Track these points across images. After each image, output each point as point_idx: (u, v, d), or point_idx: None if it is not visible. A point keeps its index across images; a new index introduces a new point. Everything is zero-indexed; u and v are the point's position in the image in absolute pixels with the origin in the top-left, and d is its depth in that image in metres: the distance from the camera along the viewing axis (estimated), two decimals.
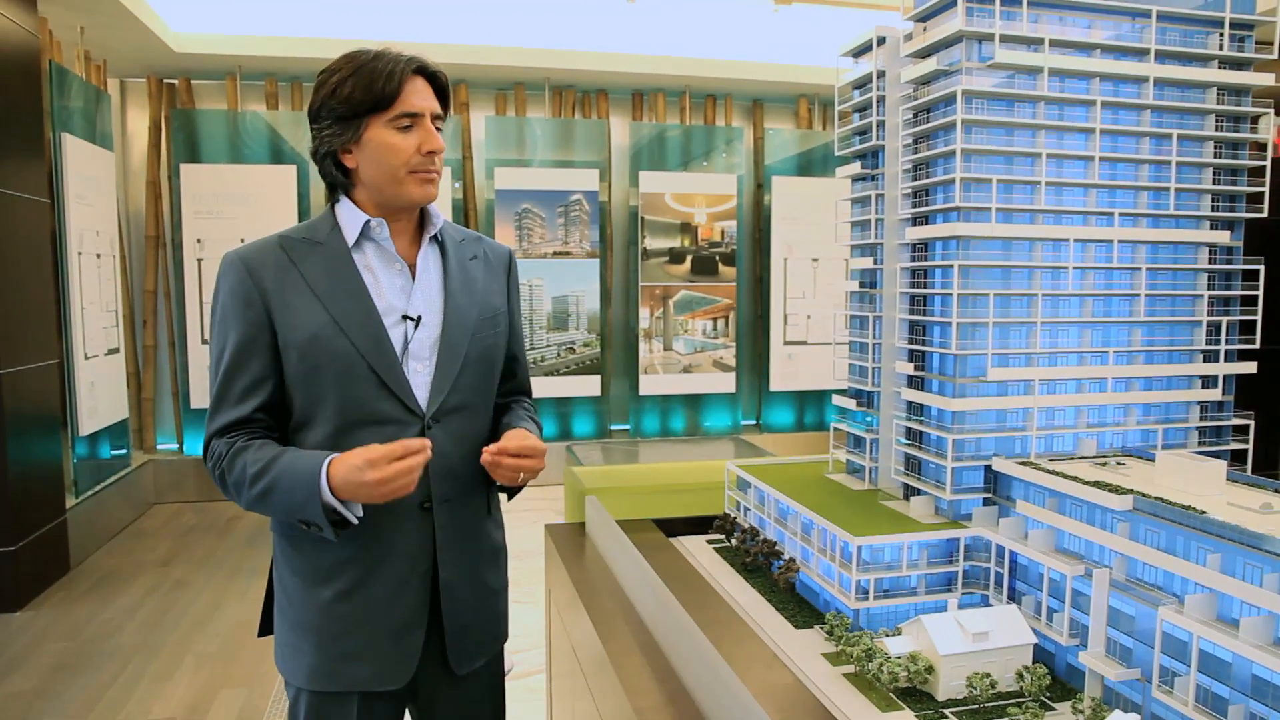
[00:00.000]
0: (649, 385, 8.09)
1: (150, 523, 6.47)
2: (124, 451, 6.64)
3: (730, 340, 8.28)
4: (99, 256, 6.21)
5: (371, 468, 1.45)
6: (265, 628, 1.77)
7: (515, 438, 1.63)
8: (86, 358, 5.90)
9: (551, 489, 6.28)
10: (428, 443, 1.51)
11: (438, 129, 1.64)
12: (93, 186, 6.14)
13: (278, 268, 1.57)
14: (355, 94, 1.55)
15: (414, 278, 1.66)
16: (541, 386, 7.79)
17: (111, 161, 6.58)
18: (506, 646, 1.93)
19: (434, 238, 1.72)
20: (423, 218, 1.71)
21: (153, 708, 3.59)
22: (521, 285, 7.75)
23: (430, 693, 1.74)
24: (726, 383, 8.31)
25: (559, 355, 7.88)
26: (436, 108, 1.63)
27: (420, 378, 1.62)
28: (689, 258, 8.11)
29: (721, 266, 8.19)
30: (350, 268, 1.60)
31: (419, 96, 1.60)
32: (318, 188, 7.46)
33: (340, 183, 1.64)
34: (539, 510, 6.59)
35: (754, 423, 8.74)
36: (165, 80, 7.34)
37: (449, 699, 1.76)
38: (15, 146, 4.90)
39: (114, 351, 6.45)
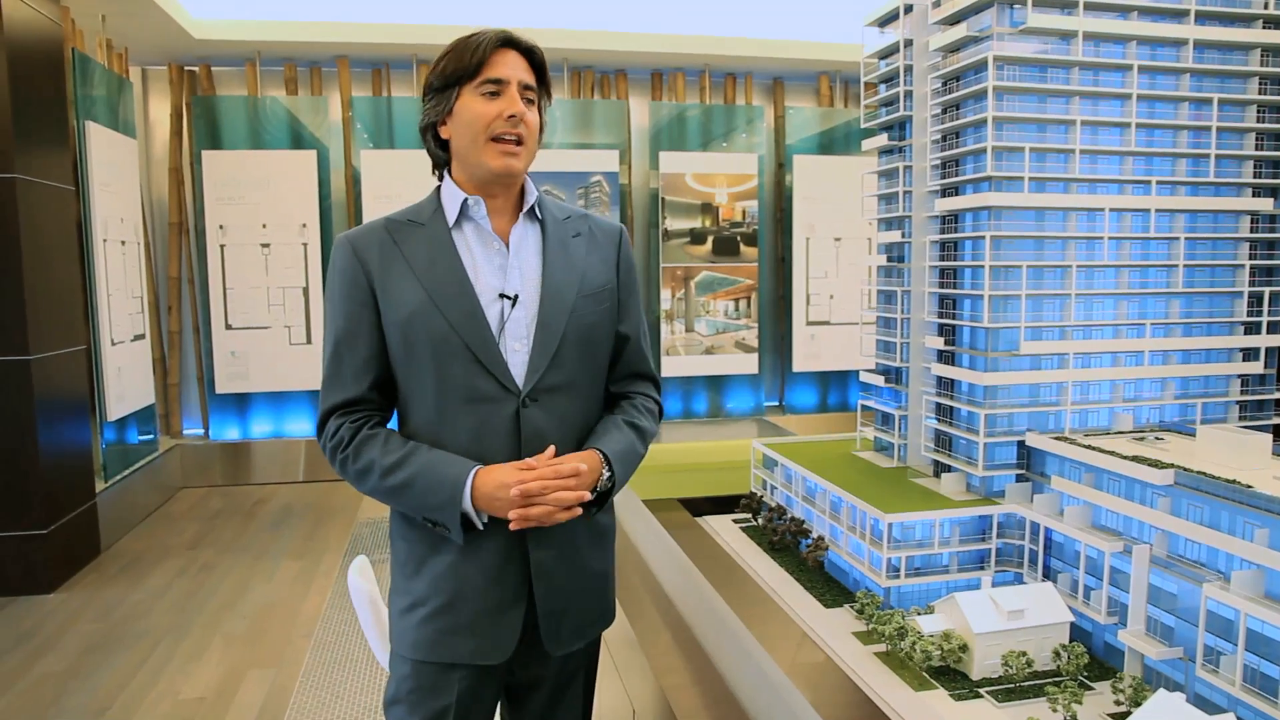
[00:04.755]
0: (671, 367, 8.05)
1: (178, 506, 6.54)
2: (151, 437, 6.70)
3: (752, 321, 8.22)
4: (124, 243, 6.25)
5: (520, 500, 1.51)
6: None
7: (541, 462, 1.58)
8: (113, 344, 5.95)
9: None
10: (581, 466, 1.54)
11: (529, 100, 1.64)
12: (116, 174, 6.17)
13: (382, 248, 1.62)
14: (449, 66, 1.61)
15: (510, 255, 1.66)
16: None
17: (134, 149, 6.60)
18: None
19: (533, 214, 1.70)
20: (523, 195, 1.70)
21: (182, 688, 3.63)
22: None
23: (525, 671, 1.74)
24: (749, 364, 8.25)
25: None
26: (526, 78, 1.63)
27: (518, 356, 1.61)
28: (710, 238, 8.04)
29: (743, 247, 8.12)
30: (449, 247, 1.62)
31: (506, 66, 1.61)
32: (338, 173, 7.46)
33: (439, 158, 1.69)
34: None
35: (777, 404, 8.69)
36: (186, 67, 7.35)
37: (543, 680, 1.76)
38: (40, 135, 4.92)
39: (140, 338, 6.51)
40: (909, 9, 2.28)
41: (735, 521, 2.71)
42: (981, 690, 1.62)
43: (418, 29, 7.05)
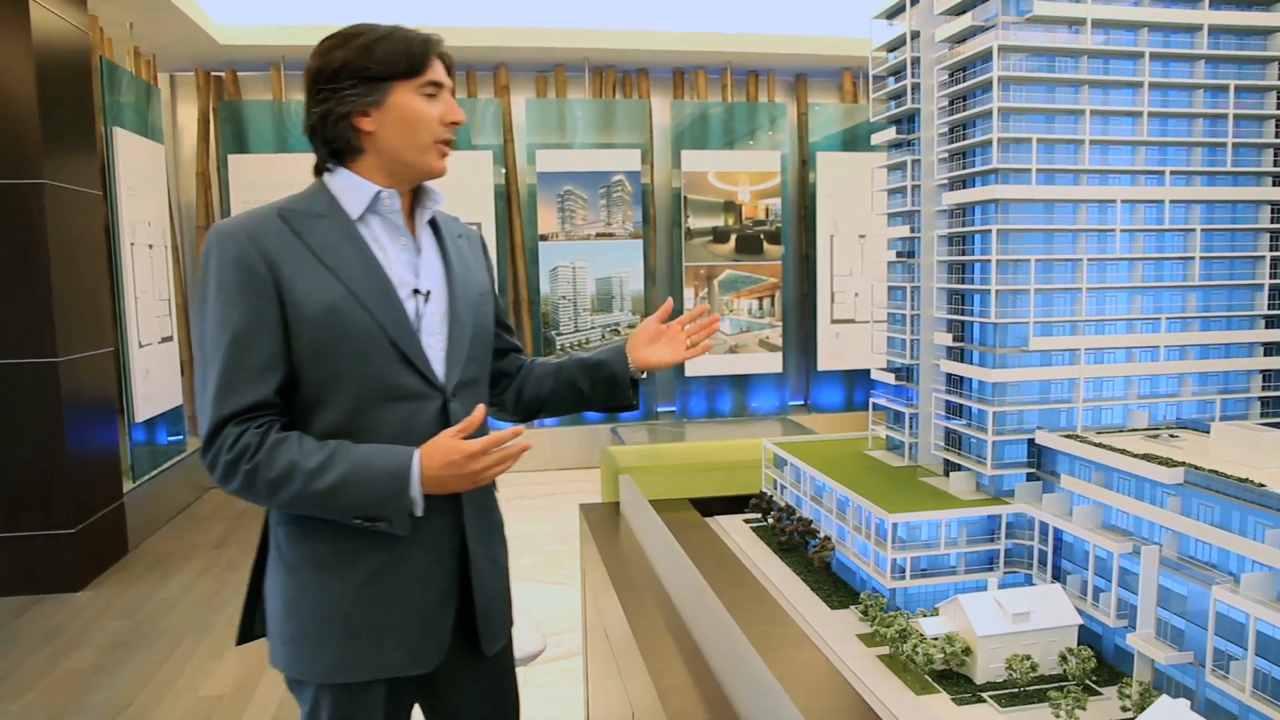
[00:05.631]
0: (694, 366, 8.02)
1: (204, 507, 6.63)
2: (180, 438, 6.80)
3: (776, 319, 8.16)
4: (151, 247, 6.35)
5: (474, 459, 1.46)
6: (247, 633, 1.68)
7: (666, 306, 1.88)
8: (141, 346, 6.05)
9: (594, 470, 6.27)
10: (522, 428, 1.53)
11: None
12: (144, 179, 6.27)
13: (281, 238, 1.50)
14: (392, 55, 1.53)
15: (418, 252, 1.64)
16: None
17: (162, 154, 6.71)
18: (545, 629, 1.91)
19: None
20: (417, 194, 1.68)
21: (202, 685, 3.67)
22: (564, 267, 7.78)
23: (448, 678, 1.69)
24: (773, 363, 8.20)
25: (603, 337, 7.86)
26: (451, 84, 1.65)
27: (435, 352, 1.59)
28: (733, 236, 8.00)
29: (766, 245, 8.07)
30: (359, 239, 1.55)
31: (441, 70, 1.61)
32: None
33: (350, 148, 1.57)
34: (583, 491, 6.59)
35: (802, 403, 8.62)
36: (212, 73, 7.46)
37: (467, 684, 1.72)
38: (68, 141, 5.01)
39: (167, 339, 6.60)
40: (915, 0, 2.24)
41: (746, 521, 2.68)
42: (984, 694, 1.58)
43: (439, 30, 7.07)
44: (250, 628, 1.68)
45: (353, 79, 1.53)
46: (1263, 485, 1.48)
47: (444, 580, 1.60)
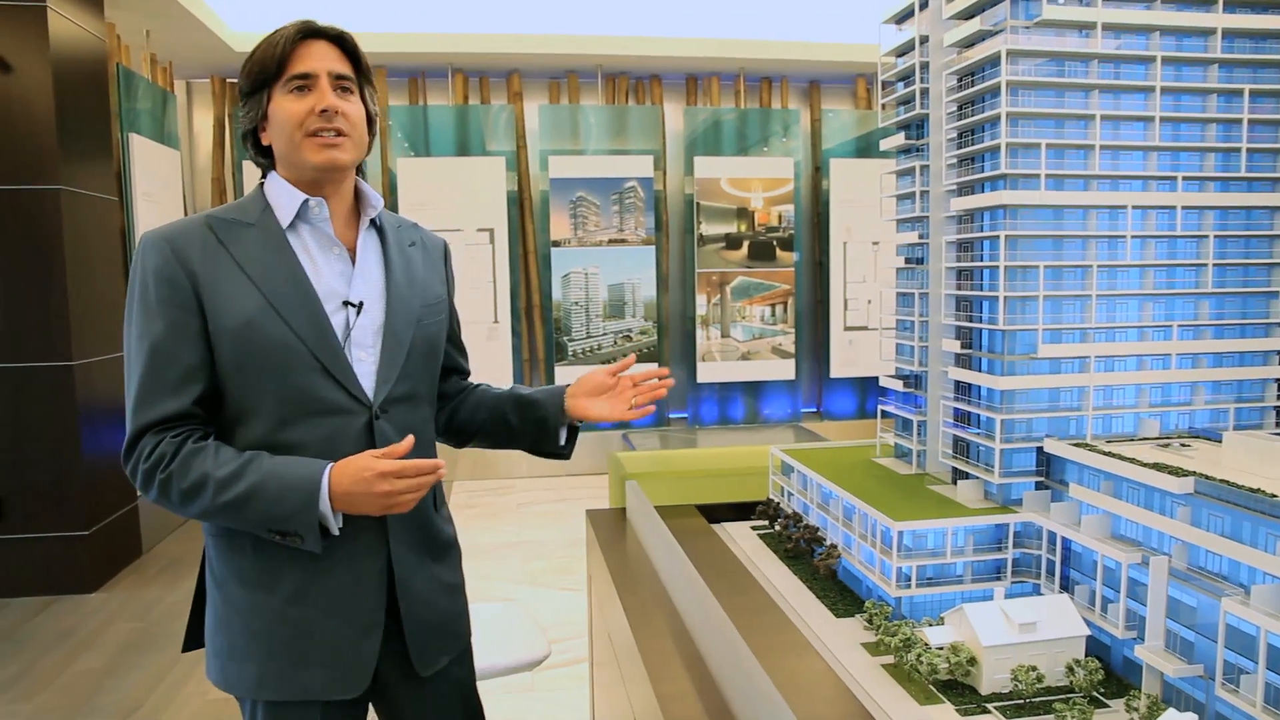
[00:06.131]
0: (707, 373, 8.01)
1: None
2: None
3: (789, 326, 8.14)
4: None
5: (383, 480, 1.40)
6: (192, 640, 1.65)
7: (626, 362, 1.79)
8: None
9: (605, 477, 6.25)
10: (442, 464, 1.47)
11: (345, 89, 1.54)
12: (159, 184, 6.33)
13: (205, 248, 1.47)
14: (254, 68, 1.51)
15: (354, 262, 1.58)
16: None
17: (177, 160, 6.77)
18: (549, 634, 1.89)
19: (372, 222, 1.64)
20: (359, 200, 1.63)
21: (211, 689, 3.68)
22: (576, 273, 7.79)
23: (394, 698, 1.66)
24: (786, 369, 8.17)
25: (615, 343, 7.85)
26: (338, 68, 1.53)
27: (365, 366, 1.54)
28: (746, 243, 7.99)
29: (779, 251, 8.05)
30: (285, 249, 1.51)
31: (312, 58, 1.51)
32: (374, 180, 7.57)
33: (262, 164, 1.58)
34: (593, 498, 6.59)
35: (814, 410, 8.59)
36: (228, 80, 7.53)
37: (415, 703, 1.68)
38: (85, 148, 5.07)
39: None
40: (924, 4, 2.23)
41: (753, 528, 2.66)
42: (990, 705, 1.56)
43: (453, 38, 7.12)
44: (196, 636, 1.65)
45: (244, 99, 1.55)
46: (1275, 496, 1.45)
47: (369, 603, 1.54)
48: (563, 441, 1.83)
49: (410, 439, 1.46)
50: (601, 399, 1.78)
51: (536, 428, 1.81)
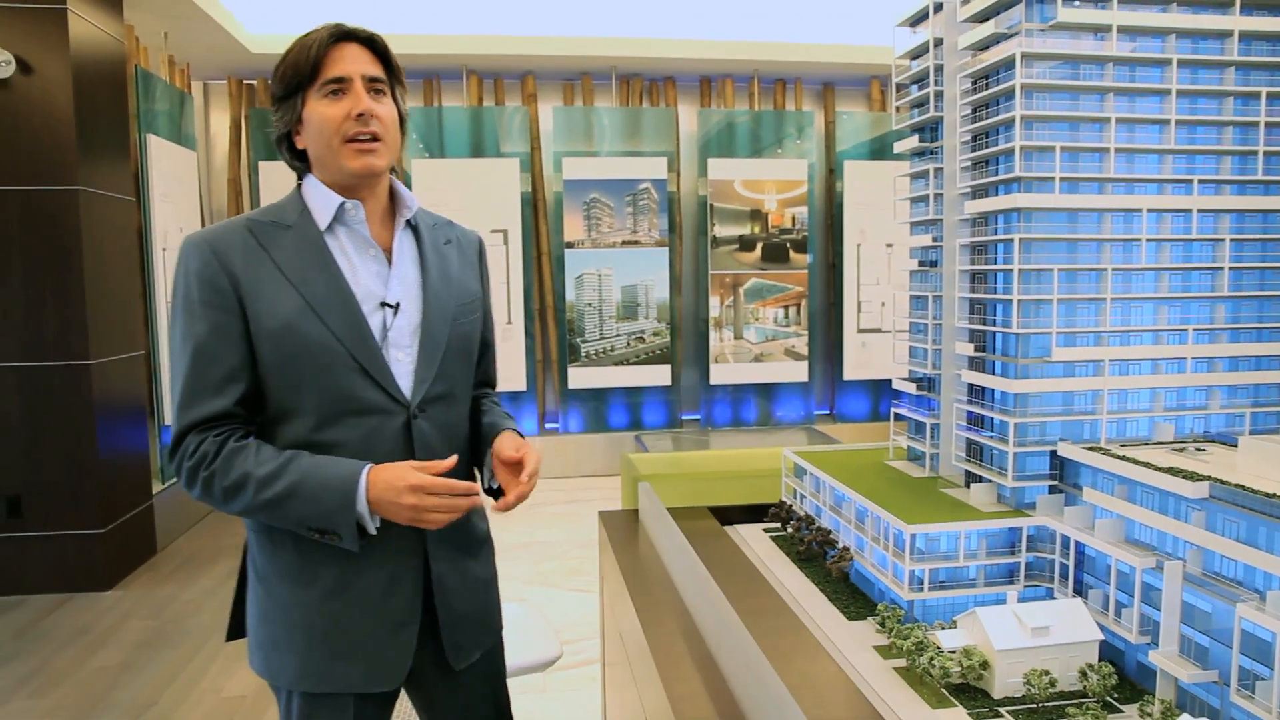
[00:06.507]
0: (720, 374, 8.00)
1: None
2: None
3: (802, 328, 8.12)
4: None
5: (412, 493, 1.43)
6: (235, 630, 1.69)
7: (531, 460, 1.59)
8: None
9: (617, 478, 6.25)
10: (477, 487, 1.48)
11: (378, 91, 1.55)
12: (176, 185, 6.38)
13: (246, 251, 1.50)
14: (287, 72, 1.53)
15: (390, 263, 1.60)
16: (611, 376, 7.79)
17: (194, 160, 6.82)
18: (561, 635, 1.89)
19: (408, 222, 1.65)
20: (394, 201, 1.65)
21: (225, 685, 3.71)
22: (590, 274, 7.80)
23: (427, 688, 1.70)
24: (799, 371, 8.15)
25: (628, 345, 7.86)
26: (371, 70, 1.55)
27: (403, 366, 1.56)
28: (759, 245, 7.98)
29: (793, 253, 8.03)
30: (324, 251, 1.53)
31: (346, 62, 1.53)
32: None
33: (297, 168, 1.61)
34: (606, 499, 6.59)
35: (827, 412, 8.57)
36: (245, 81, 7.58)
37: (448, 696, 1.71)
38: (102, 148, 5.11)
39: None
40: (939, 7, 2.23)
41: (766, 530, 2.66)
42: (1002, 710, 1.56)
43: (467, 39, 7.14)
44: (238, 626, 1.69)
45: (277, 104, 1.56)
46: None
47: (404, 599, 1.58)
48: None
49: (454, 458, 1.49)
50: (509, 471, 1.64)
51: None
